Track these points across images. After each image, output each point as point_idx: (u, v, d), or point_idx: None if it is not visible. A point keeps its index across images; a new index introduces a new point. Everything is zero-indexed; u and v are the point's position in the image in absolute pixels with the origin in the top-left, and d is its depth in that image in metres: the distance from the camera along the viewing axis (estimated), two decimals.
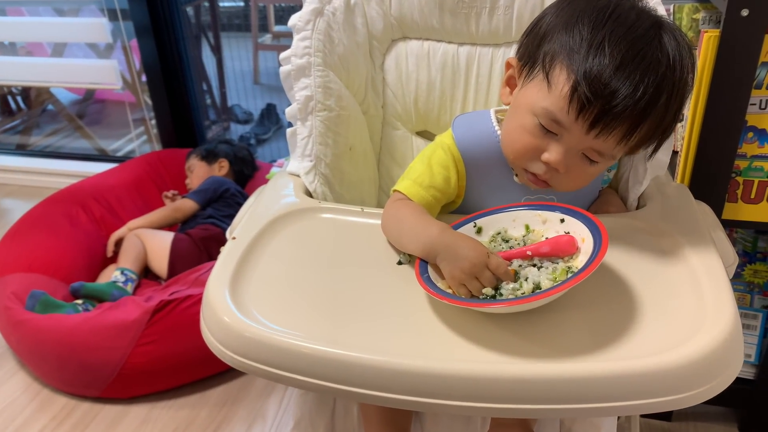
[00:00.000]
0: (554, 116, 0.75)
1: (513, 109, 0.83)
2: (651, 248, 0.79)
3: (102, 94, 3.28)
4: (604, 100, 0.71)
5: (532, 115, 0.77)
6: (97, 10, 2.65)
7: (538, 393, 0.63)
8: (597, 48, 0.72)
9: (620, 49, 0.71)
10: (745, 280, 1.34)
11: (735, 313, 0.66)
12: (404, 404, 0.65)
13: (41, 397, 1.58)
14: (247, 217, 0.89)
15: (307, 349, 0.67)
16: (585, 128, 0.73)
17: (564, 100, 0.73)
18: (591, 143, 0.75)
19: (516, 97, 0.83)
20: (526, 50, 0.81)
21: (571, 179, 0.80)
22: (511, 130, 0.82)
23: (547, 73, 0.75)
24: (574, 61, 0.73)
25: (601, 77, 0.71)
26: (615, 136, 0.74)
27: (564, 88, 0.73)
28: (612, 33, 0.72)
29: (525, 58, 0.81)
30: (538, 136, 0.78)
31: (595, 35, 0.72)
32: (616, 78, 0.71)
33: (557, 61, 0.74)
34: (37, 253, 1.80)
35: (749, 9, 0.98)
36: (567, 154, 0.77)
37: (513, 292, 0.69)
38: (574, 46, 0.73)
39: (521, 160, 0.81)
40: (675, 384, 0.62)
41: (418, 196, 0.84)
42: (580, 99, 0.72)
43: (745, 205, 1.17)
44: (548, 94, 0.75)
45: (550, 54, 0.76)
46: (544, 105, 0.75)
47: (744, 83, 1.04)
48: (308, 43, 0.96)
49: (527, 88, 0.79)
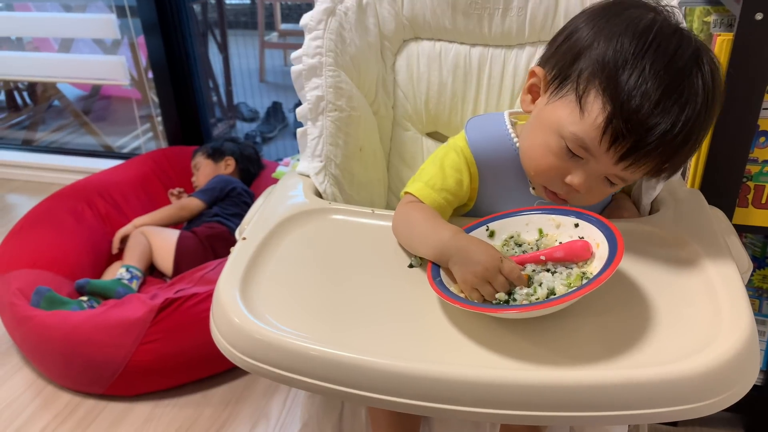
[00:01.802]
0: (584, 143, 0.73)
1: (537, 123, 0.80)
2: (665, 254, 0.78)
3: (108, 91, 3.28)
4: (639, 135, 0.69)
5: (559, 136, 0.75)
6: (105, 7, 2.65)
7: (550, 400, 0.62)
8: (638, 79, 0.69)
9: (661, 82, 0.69)
10: (755, 285, 1.33)
11: (752, 322, 0.66)
12: (414, 409, 0.65)
13: (45, 394, 1.58)
14: (257, 218, 0.89)
15: (316, 351, 0.67)
16: (615, 159, 0.72)
17: (597, 130, 0.71)
18: (617, 171, 0.74)
19: (540, 109, 0.80)
20: (555, 63, 0.78)
21: (589, 198, 0.80)
22: (534, 146, 0.79)
23: (580, 97, 0.73)
24: (610, 89, 0.70)
25: (638, 112, 0.69)
26: (644, 169, 0.73)
27: (598, 118, 0.71)
28: (653, 63, 0.69)
29: (554, 72, 0.78)
30: (563, 158, 0.76)
31: (636, 64, 0.69)
32: (654, 114, 0.69)
33: (592, 86, 0.71)
34: (43, 250, 1.80)
35: (763, 13, 0.98)
36: (590, 178, 0.76)
37: (527, 297, 0.69)
38: (612, 72, 0.70)
39: (542, 179, 0.80)
40: (689, 393, 0.61)
41: (430, 198, 0.84)
42: (615, 132, 0.70)
43: (756, 210, 1.16)
44: (579, 119, 0.73)
45: (584, 76, 0.72)
46: (573, 130, 0.73)
47: (757, 87, 1.04)
48: (320, 42, 0.95)
49: (555, 106, 0.76)
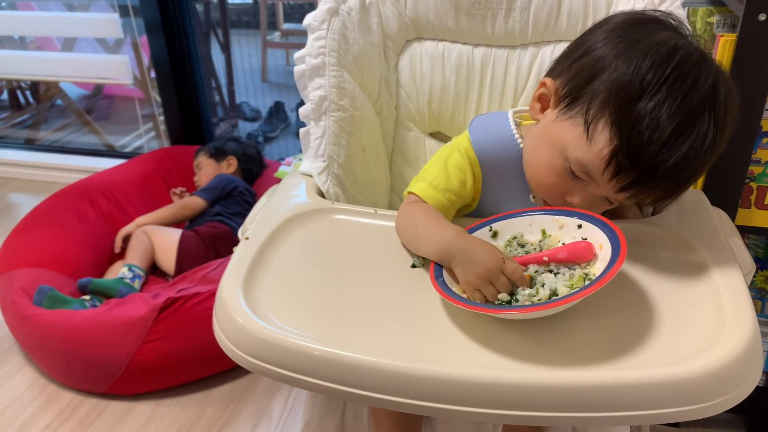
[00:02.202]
0: (587, 170, 0.73)
1: (543, 137, 0.79)
2: (668, 255, 0.78)
3: (110, 90, 3.28)
4: (642, 171, 0.69)
5: (564, 158, 0.75)
6: (108, 6, 2.66)
7: (552, 400, 0.62)
8: (648, 116, 0.67)
9: (671, 122, 0.67)
10: (757, 286, 1.33)
11: (755, 323, 0.65)
12: (416, 409, 0.65)
13: (47, 393, 1.58)
14: (260, 217, 0.89)
15: (318, 351, 0.67)
16: (616, 188, 0.73)
17: (601, 161, 0.71)
18: (617, 196, 0.75)
19: (548, 124, 0.79)
20: (568, 80, 0.76)
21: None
22: (538, 162, 0.79)
23: (588, 125, 0.72)
24: (619, 122, 0.69)
25: (645, 150, 0.68)
26: (644, 199, 0.74)
27: (604, 150, 0.70)
28: (666, 99, 0.68)
29: (566, 88, 0.76)
30: (565, 178, 0.76)
31: (649, 98, 0.68)
32: (660, 153, 0.68)
33: (602, 115, 0.70)
34: (45, 249, 1.81)
35: (767, 14, 0.98)
36: (590, 198, 0.77)
37: (529, 298, 0.68)
38: (624, 104, 0.69)
39: (543, 194, 0.81)
40: (692, 395, 0.61)
41: (434, 199, 0.84)
42: (618, 165, 0.70)
43: (759, 211, 1.16)
44: (585, 146, 0.72)
45: (596, 102, 0.71)
46: (578, 156, 0.73)
47: (760, 88, 1.03)
48: (323, 42, 0.95)
49: (563, 126, 0.75)
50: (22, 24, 2.79)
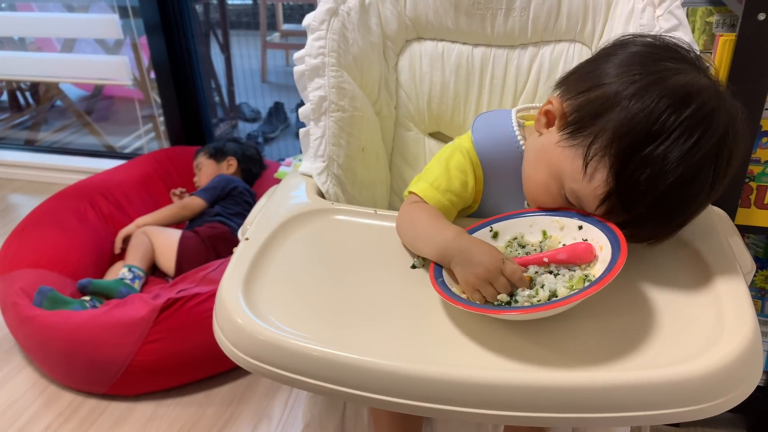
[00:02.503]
0: (580, 201, 0.74)
1: (543, 156, 0.78)
2: (668, 256, 0.78)
3: (110, 91, 3.28)
4: (634, 215, 0.70)
5: (560, 184, 0.75)
6: (107, 7, 2.65)
7: (553, 401, 0.62)
8: (646, 168, 0.66)
9: (673, 174, 0.66)
10: (757, 286, 1.33)
11: (755, 323, 0.65)
12: (416, 410, 0.65)
13: (48, 394, 1.58)
14: (260, 218, 0.89)
15: (318, 352, 0.67)
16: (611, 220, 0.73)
17: (596, 199, 0.71)
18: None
19: (550, 144, 0.76)
20: (575, 108, 0.74)
21: None
22: (536, 181, 0.79)
23: (587, 162, 0.70)
24: (617, 166, 0.68)
25: (639, 199, 0.68)
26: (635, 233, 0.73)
27: (599, 189, 0.70)
28: (670, 151, 0.66)
29: (572, 117, 0.74)
30: (558, 201, 0.77)
31: (654, 148, 0.66)
32: (654, 203, 0.68)
33: (602, 156, 0.69)
34: (45, 249, 1.81)
35: (766, 13, 0.97)
36: None
37: (528, 299, 0.68)
38: (627, 148, 0.67)
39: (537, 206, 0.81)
40: (693, 395, 0.61)
41: (435, 200, 0.84)
42: (612, 205, 0.70)
43: (759, 211, 1.16)
44: (581, 179, 0.71)
45: (599, 140, 0.69)
46: (574, 187, 0.73)
47: (759, 88, 1.03)
48: (323, 43, 0.95)
49: (564, 153, 0.74)
50: (21, 25, 2.79)
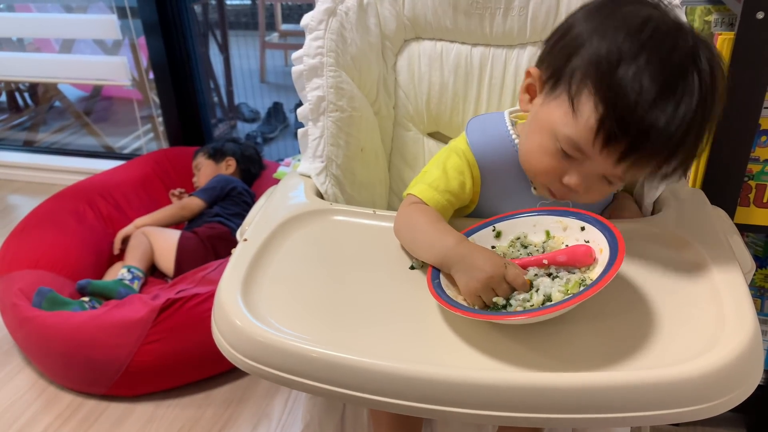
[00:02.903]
0: (578, 145, 0.72)
1: (533, 124, 0.79)
2: (668, 256, 0.78)
3: (109, 91, 3.28)
4: (633, 136, 0.68)
5: (554, 138, 0.74)
6: (106, 8, 2.65)
7: (553, 402, 0.62)
8: (630, 79, 0.66)
9: (655, 82, 0.66)
10: (757, 285, 1.33)
11: (755, 322, 0.65)
12: (415, 411, 0.65)
13: (47, 394, 1.58)
14: (258, 219, 0.89)
15: (317, 353, 0.67)
16: (611, 160, 0.71)
17: (589, 131, 0.69)
18: (614, 171, 0.73)
19: (537, 110, 0.78)
20: (550, 63, 0.76)
21: (589, 197, 0.79)
22: (531, 148, 0.79)
23: (573, 98, 0.71)
24: (603, 89, 0.68)
25: (631, 113, 0.67)
26: (642, 170, 0.72)
27: (590, 119, 0.69)
28: (647, 62, 0.67)
29: (549, 71, 0.76)
30: (559, 159, 0.75)
31: (630, 63, 0.67)
32: (648, 114, 0.66)
33: (584, 86, 0.69)
34: (44, 250, 1.80)
35: (764, 12, 0.97)
36: (587, 178, 0.75)
37: (522, 303, 0.68)
38: (605, 72, 0.68)
39: (540, 179, 0.80)
40: (693, 395, 0.61)
41: (434, 200, 0.83)
42: (607, 133, 0.68)
43: (758, 210, 1.16)
44: (572, 120, 0.71)
45: (577, 76, 0.70)
46: (567, 132, 0.72)
47: (758, 87, 1.03)
48: (321, 43, 0.95)
49: (550, 107, 0.75)
50: (20, 25, 2.78)
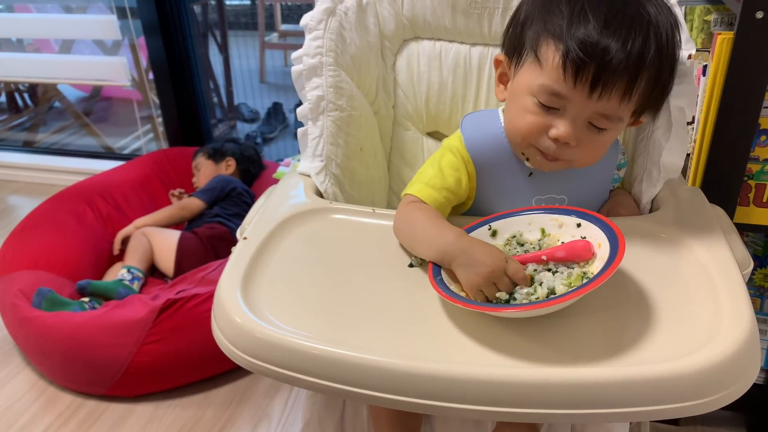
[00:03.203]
0: (552, 89, 0.75)
1: (510, 98, 0.83)
2: (666, 253, 0.78)
3: (108, 92, 3.28)
4: (597, 58, 0.72)
5: (531, 95, 0.78)
6: (105, 8, 2.65)
7: (551, 398, 0.62)
8: (579, 15, 0.73)
9: (602, 11, 0.73)
10: (756, 284, 1.33)
11: (752, 320, 0.66)
12: (415, 407, 0.65)
13: (47, 395, 1.58)
14: (258, 217, 0.89)
15: (317, 350, 0.67)
16: (585, 92, 0.74)
17: (558, 70, 0.74)
18: (594, 107, 0.75)
19: (511, 87, 0.83)
20: (510, 42, 0.83)
21: (584, 152, 0.79)
22: (512, 116, 0.82)
23: (536, 53, 0.76)
24: (558, 33, 0.74)
25: (589, 38, 0.72)
26: (616, 94, 0.74)
27: (555, 59, 0.74)
28: (590, 1, 0.74)
29: (511, 50, 0.82)
30: (540, 114, 0.78)
31: (574, 6, 0.74)
32: (604, 36, 0.72)
33: (542, 39, 0.76)
34: (44, 251, 1.81)
35: (764, 11, 0.98)
36: (573, 126, 0.76)
37: (527, 296, 0.69)
38: (556, 21, 0.75)
39: (529, 140, 0.80)
40: (690, 390, 0.61)
41: (431, 197, 0.84)
42: (574, 63, 0.73)
43: (757, 209, 1.16)
44: (541, 71, 0.76)
45: (534, 36, 0.77)
46: (539, 82, 0.76)
47: (758, 86, 1.03)
48: (320, 42, 0.95)
49: (519, 75, 0.80)
50: (19, 26, 2.79)
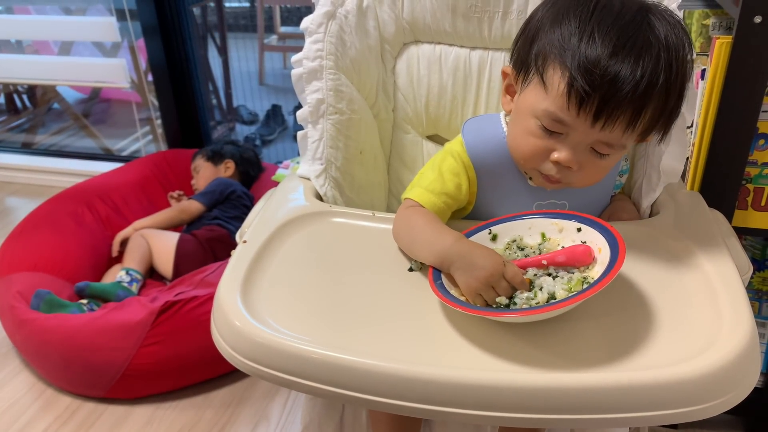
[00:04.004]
0: (555, 116, 0.74)
1: (515, 115, 0.83)
2: (666, 257, 0.78)
3: (107, 94, 3.28)
4: (602, 89, 0.70)
5: (534, 117, 0.77)
6: (105, 10, 2.65)
7: (551, 403, 0.62)
8: (587, 40, 0.71)
9: (610, 37, 0.71)
10: (755, 287, 1.33)
11: (752, 324, 0.66)
12: (415, 412, 0.65)
13: (45, 397, 1.57)
14: (258, 221, 0.89)
15: (317, 354, 0.67)
16: (589, 122, 0.73)
17: (562, 97, 0.73)
18: (597, 136, 0.75)
19: (516, 103, 0.82)
20: (518, 56, 0.81)
21: (585, 175, 0.79)
22: (516, 135, 0.82)
23: (542, 75, 0.75)
24: (565, 57, 0.72)
25: (595, 67, 0.70)
26: (620, 125, 0.73)
27: (560, 86, 0.73)
28: (600, 23, 0.72)
29: (518, 64, 0.81)
30: (543, 137, 0.77)
31: (584, 28, 0.72)
32: (611, 65, 0.70)
33: (549, 62, 0.74)
34: (42, 252, 1.80)
35: (762, 16, 0.98)
36: (575, 151, 0.76)
37: (527, 301, 0.69)
38: (564, 42, 0.73)
39: (531, 163, 0.81)
40: (690, 396, 0.61)
41: (430, 203, 0.84)
42: (578, 93, 0.71)
43: (756, 213, 1.16)
44: (546, 95, 0.75)
45: (541, 55, 0.76)
46: (543, 107, 0.75)
47: (756, 90, 1.04)
48: (320, 46, 0.95)
49: (525, 93, 0.79)
50: (18, 28, 2.79)
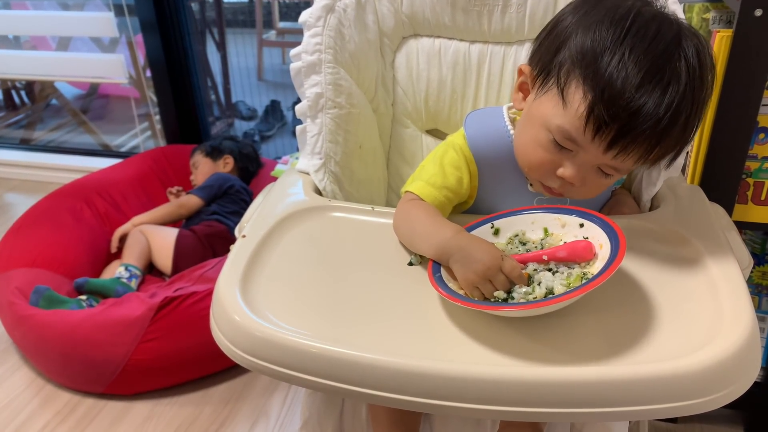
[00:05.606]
0: (569, 135, 0.73)
1: (526, 119, 0.81)
2: (666, 251, 0.78)
3: (106, 89, 3.28)
4: (621, 121, 0.68)
5: (546, 130, 0.75)
6: (102, 5, 2.65)
7: (551, 397, 0.62)
8: (617, 65, 0.68)
9: (640, 67, 0.68)
10: (754, 282, 1.34)
11: (753, 318, 0.65)
12: (415, 406, 0.65)
13: (45, 393, 1.58)
14: (257, 215, 0.89)
15: (316, 349, 0.67)
16: (602, 148, 0.72)
17: (580, 120, 0.71)
18: (607, 161, 0.74)
19: (529, 106, 0.80)
20: (539, 59, 0.78)
21: (586, 191, 0.79)
22: (525, 142, 0.80)
23: (562, 89, 0.72)
24: (590, 78, 0.69)
25: (619, 98, 0.68)
26: (633, 156, 0.72)
27: (580, 108, 0.70)
28: (632, 49, 0.68)
29: (539, 67, 0.78)
30: (552, 151, 0.76)
31: (615, 50, 0.68)
32: (635, 99, 0.67)
33: (572, 77, 0.71)
34: (41, 249, 1.80)
35: (762, 9, 0.98)
36: (582, 169, 0.76)
37: (525, 296, 0.68)
38: (591, 61, 0.69)
39: (536, 174, 0.80)
40: (691, 389, 0.61)
41: (431, 196, 0.84)
42: (597, 120, 0.69)
43: (756, 207, 1.16)
44: (563, 111, 0.72)
45: (565, 67, 0.72)
46: (558, 123, 0.73)
47: (756, 84, 1.04)
48: (319, 39, 0.95)
49: (541, 101, 0.77)
50: (16, 23, 2.78)
